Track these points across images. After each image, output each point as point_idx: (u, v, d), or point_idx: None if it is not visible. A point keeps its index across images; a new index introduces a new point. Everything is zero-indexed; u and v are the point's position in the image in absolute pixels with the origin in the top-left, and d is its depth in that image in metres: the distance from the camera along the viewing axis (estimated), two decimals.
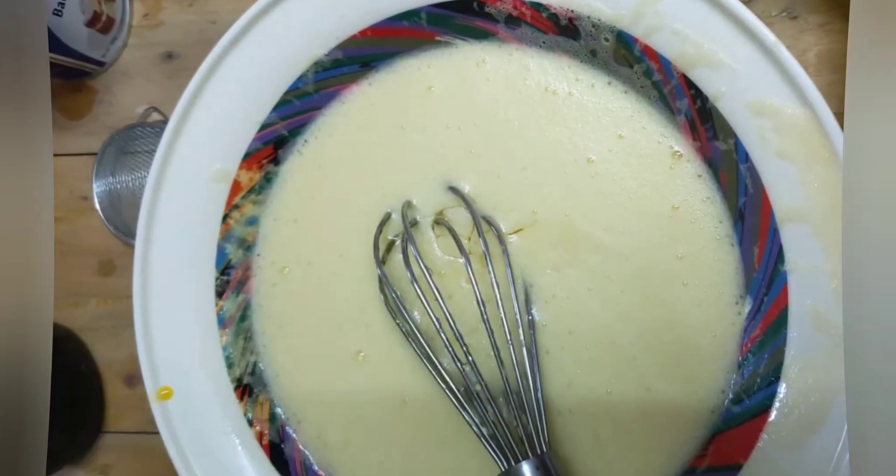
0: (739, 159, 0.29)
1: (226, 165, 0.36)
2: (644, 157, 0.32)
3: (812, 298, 0.28)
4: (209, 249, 0.37)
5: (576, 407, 0.33)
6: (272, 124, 0.36)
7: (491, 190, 0.34)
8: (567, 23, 0.31)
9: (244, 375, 0.37)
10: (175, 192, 0.36)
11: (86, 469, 0.46)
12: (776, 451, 0.29)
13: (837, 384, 0.28)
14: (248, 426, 0.36)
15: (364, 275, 0.36)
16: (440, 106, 0.35)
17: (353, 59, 0.35)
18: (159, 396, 0.35)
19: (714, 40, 0.28)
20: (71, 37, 0.40)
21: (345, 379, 0.36)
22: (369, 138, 0.36)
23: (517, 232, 0.34)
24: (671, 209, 0.32)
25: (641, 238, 0.32)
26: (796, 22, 0.34)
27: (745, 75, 0.28)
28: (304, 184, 0.37)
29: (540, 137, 0.34)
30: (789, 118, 0.27)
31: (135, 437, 0.45)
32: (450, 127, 0.35)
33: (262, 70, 0.35)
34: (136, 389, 0.45)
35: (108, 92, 0.45)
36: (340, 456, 0.36)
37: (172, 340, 0.36)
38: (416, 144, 0.35)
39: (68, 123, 0.46)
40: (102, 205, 0.43)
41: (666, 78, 0.30)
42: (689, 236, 0.32)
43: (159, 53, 0.45)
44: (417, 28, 0.34)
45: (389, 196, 0.36)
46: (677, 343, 0.32)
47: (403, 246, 0.33)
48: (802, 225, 0.28)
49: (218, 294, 0.37)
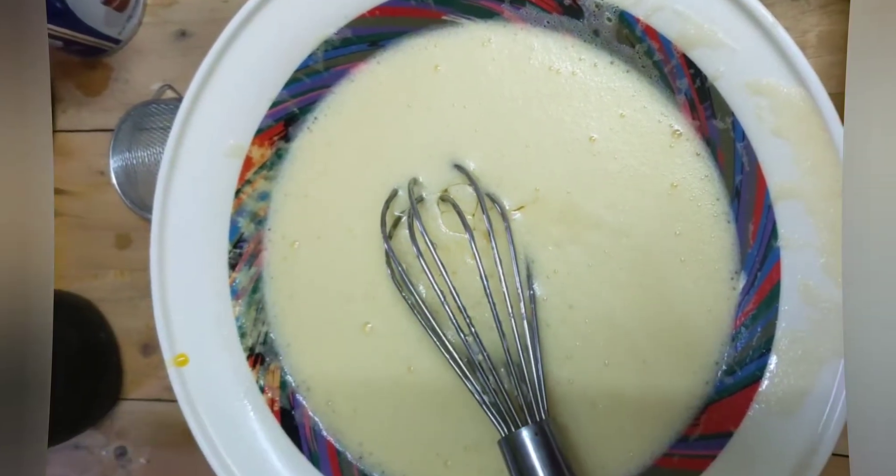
0: (736, 138, 0.30)
1: (238, 141, 0.37)
2: (644, 135, 0.33)
3: (803, 273, 0.29)
4: (222, 223, 0.38)
5: (574, 377, 0.34)
6: (283, 102, 0.37)
7: (495, 167, 0.35)
8: (571, 2, 0.32)
9: (256, 344, 0.38)
10: (189, 168, 0.37)
11: (105, 433, 0.48)
12: (766, 419, 0.30)
13: (824, 354, 0.29)
14: (259, 393, 0.38)
15: (371, 249, 0.37)
16: (446, 84, 0.36)
17: (361, 37, 0.36)
18: (176, 363, 0.37)
19: (714, 21, 0.29)
20: (89, 15, 0.41)
21: (352, 349, 0.37)
22: (377, 116, 0.37)
23: (520, 209, 0.35)
24: (670, 187, 0.33)
25: (641, 215, 0.33)
26: (798, 3, 0.35)
27: (744, 55, 0.28)
28: (314, 160, 0.38)
29: (543, 116, 0.34)
30: (785, 98, 0.28)
31: (150, 404, 0.46)
32: (455, 106, 0.35)
33: (273, 48, 0.36)
34: (152, 358, 0.46)
35: (124, 69, 0.46)
36: (348, 423, 0.37)
37: (188, 310, 0.37)
38: (422, 122, 0.36)
39: (85, 100, 0.47)
40: (119, 180, 0.44)
41: (666, 57, 0.30)
42: (688, 214, 0.33)
43: (173, 32, 0.45)
44: (424, 7, 0.34)
45: (396, 173, 0.37)
46: (674, 318, 0.33)
47: (409, 222, 0.34)
48: (796, 202, 0.29)
49: (231, 266, 0.38)
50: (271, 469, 0.37)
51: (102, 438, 0.48)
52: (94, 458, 0.48)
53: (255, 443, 0.37)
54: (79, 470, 0.48)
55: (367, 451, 0.36)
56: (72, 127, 0.47)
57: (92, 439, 0.48)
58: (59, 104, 0.47)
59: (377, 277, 0.37)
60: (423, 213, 0.36)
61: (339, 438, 0.37)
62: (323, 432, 0.37)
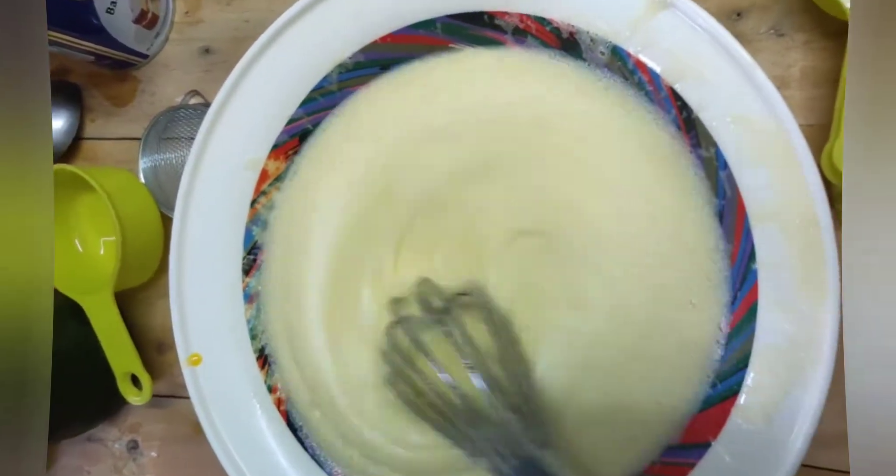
0: (719, 166, 0.32)
1: (256, 154, 0.39)
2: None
3: (778, 292, 0.31)
4: (238, 231, 0.39)
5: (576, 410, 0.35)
6: (299, 119, 0.39)
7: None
8: (568, 36, 0.34)
9: (265, 347, 0.40)
10: (209, 178, 0.39)
11: (118, 427, 0.50)
12: (742, 430, 0.32)
13: (798, 368, 0.30)
14: (267, 393, 0.39)
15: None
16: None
17: (373, 62, 0.38)
18: (190, 362, 0.38)
19: (699, 57, 0.31)
20: (120, 32, 0.44)
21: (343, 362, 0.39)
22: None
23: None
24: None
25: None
26: (783, 39, 0.37)
27: (726, 91, 0.30)
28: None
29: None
30: (762, 130, 0.30)
31: (163, 400, 0.48)
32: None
33: (292, 70, 0.38)
34: (166, 356, 0.48)
35: (150, 82, 0.49)
36: (331, 435, 0.38)
37: (203, 311, 0.39)
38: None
39: (115, 110, 0.49)
40: (147, 178, 0.46)
41: (656, 89, 0.33)
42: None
43: (197, 48, 0.48)
44: (433, 36, 0.37)
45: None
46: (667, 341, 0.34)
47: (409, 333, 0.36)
48: (772, 225, 0.31)
49: (244, 271, 0.40)
50: (277, 466, 0.38)
51: (115, 432, 0.50)
52: (106, 450, 0.50)
53: (262, 440, 0.39)
54: (91, 461, 0.50)
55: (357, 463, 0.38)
56: (99, 135, 0.50)
57: (105, 433, 0.50)
58: (89, 113, 0.50)
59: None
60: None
61: (324, 447, 0.39)
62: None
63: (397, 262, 0.37)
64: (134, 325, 0.47)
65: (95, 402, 0.47)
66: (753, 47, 0.37)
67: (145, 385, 0.45)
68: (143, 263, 0.46)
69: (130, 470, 0.49)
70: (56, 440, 0.49)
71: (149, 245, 0.45)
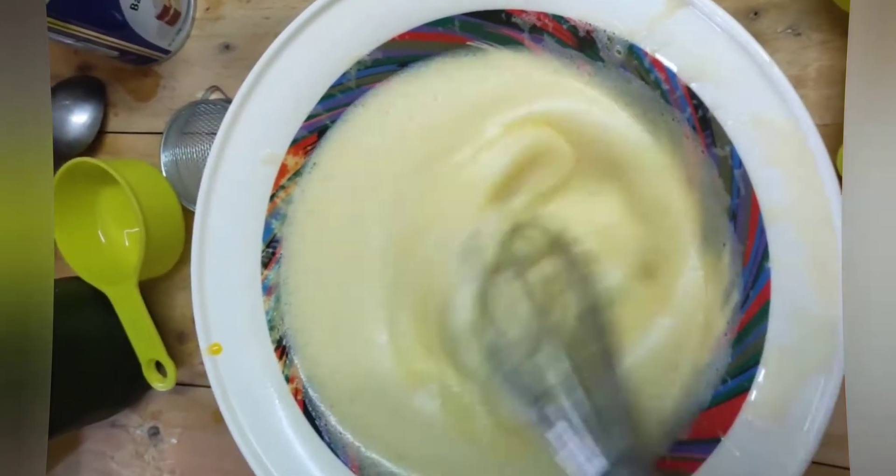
0: (734, 165, 0.32)
1: (275, 150, 0.40)
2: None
3: (790, 291, 0.31)
4: (257, 224, 0.40)
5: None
6: (318, 115, 0.39)
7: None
8: (585, 35, 0.34)
9: (283, 338, 0.41)
10: (230, 173, 0.39)
11: (140, 414, 0.51)
12: (752, 427, 0.32)
13: (809, 368, 0.31)
14: (285, 382, 0.40)
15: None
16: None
17: (391, 59, 0.38)
18: (210, 351, 0.39)
19: (715, 56, 0.31)
20: (144, 28, 0.45)
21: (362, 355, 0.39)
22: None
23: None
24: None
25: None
26: (800, 38, 0.37)
27: (742, 89, 0.31)
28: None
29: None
30: (778, 129, 0.30)
31: (183, 388, 0.49)
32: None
33: (312, 66, 0.38)
34: (186, 346, 0.49)
35: (172, 78, 0.50)
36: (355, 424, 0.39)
37: (223, 302, 0.40)
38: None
39: (136, 104, 0.50)
40: (169, 172, 0.47)
41: (672, 88, 0.33)
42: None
43: (218, 44, 0.49)
44: (451, 33, 0.37)
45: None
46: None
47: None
48: (786, 224, 0.31)
49: (263, 264, 0.40)
50: (294, 453, 0.39)
51: (137, 418, 0.51)
52: (128, 436, 0.51)
53: (279, 428, 0.39)
54: (114, 447, 0.52)
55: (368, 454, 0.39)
56: (122, 129, 0.51)
57: (127, 419, 0.51)
58: (112, 108, 0.51)
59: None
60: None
61: (344, 436, 0.39)
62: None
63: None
64: (155, 315, 0.48)
65: (119, 388, 0.48)
66: (770, 46, 0.37)
67: (170, 371, 0.46)
68: (165, 254, 0.47)
69: (151, 455, 0.51)
70: (82, 425, 0.50)
71: (170, 236, 0.46)
